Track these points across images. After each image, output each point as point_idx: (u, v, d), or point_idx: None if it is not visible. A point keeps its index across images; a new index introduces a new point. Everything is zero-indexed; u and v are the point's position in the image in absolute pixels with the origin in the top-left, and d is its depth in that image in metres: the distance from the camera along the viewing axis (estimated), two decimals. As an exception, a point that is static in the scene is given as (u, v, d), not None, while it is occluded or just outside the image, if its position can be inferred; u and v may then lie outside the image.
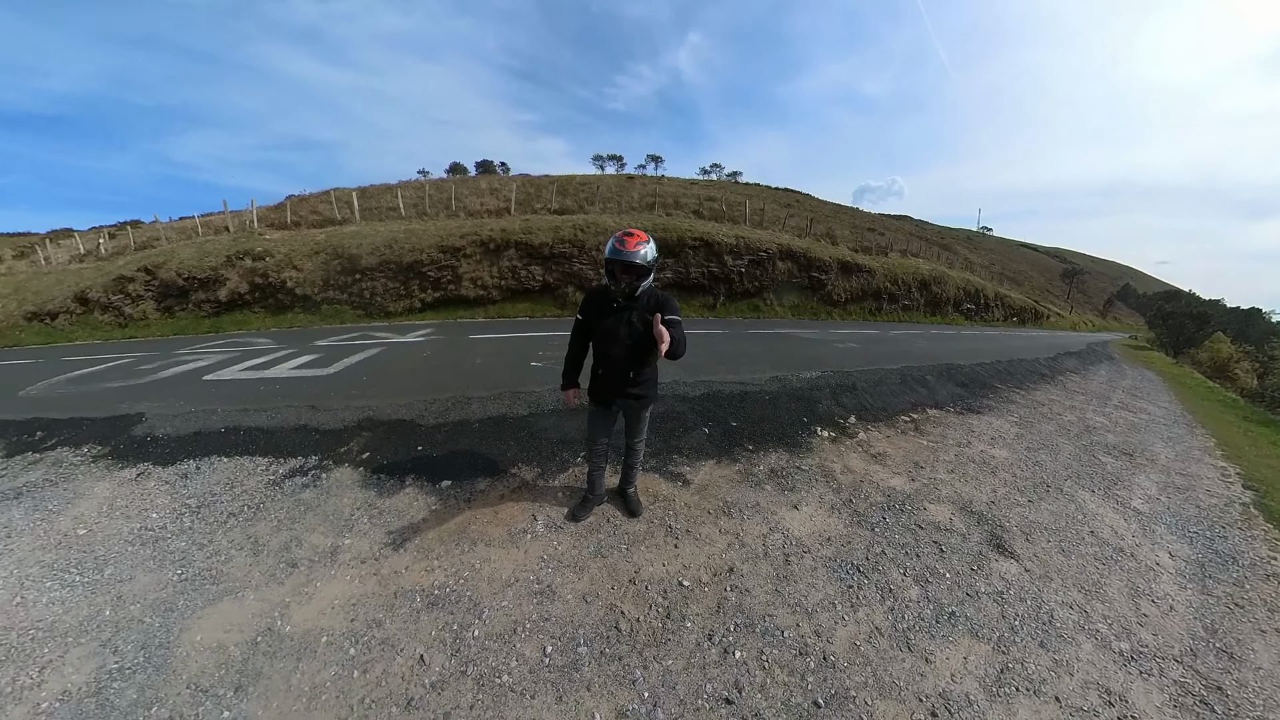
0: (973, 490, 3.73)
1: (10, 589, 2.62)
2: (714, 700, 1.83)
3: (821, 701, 1.84)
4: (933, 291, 24.46)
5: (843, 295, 19.99)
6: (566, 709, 1.80)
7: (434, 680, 1.94)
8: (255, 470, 3.65)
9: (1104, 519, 3.58)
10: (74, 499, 3.50)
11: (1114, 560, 3.04)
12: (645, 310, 2.38)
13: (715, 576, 2.46)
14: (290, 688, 1.96)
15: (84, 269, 18.88)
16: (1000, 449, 4.77)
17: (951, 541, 2.95)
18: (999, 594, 2.55)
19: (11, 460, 4.18)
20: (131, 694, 1.99)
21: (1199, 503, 4.19)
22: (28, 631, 2.33)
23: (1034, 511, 3.53)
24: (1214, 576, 3.01)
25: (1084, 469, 4.61)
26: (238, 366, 7.18)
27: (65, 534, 3.11)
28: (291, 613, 2.31)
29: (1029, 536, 3.16)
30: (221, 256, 15.61)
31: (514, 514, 2.97)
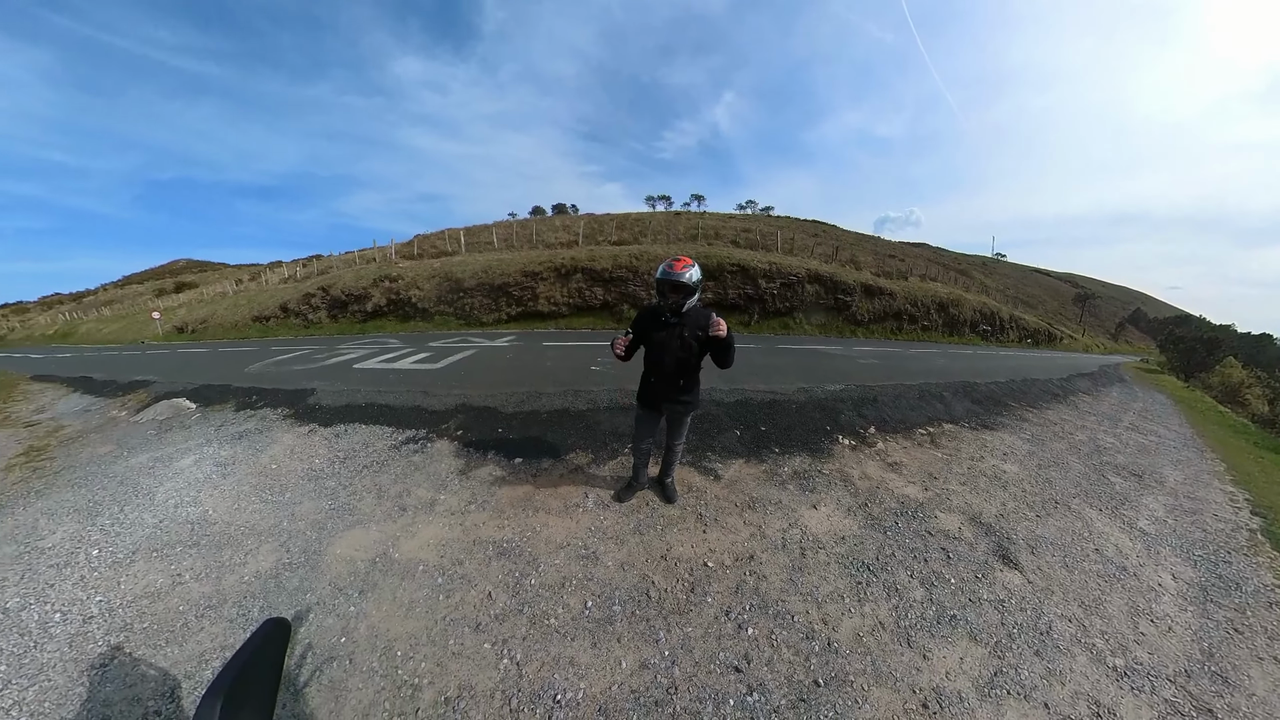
0: (983, 502, 3.37)
1: (230, 499, 3.18)
2: (724, 667, 1.80)
3: (821, 681, 1.76)
4: (950, 313, 22.40)
5: (866, 315, 18.76)
6: (599, 653, 1.85)
7: (497, 613, 2.05)
8: (383, 436, 4.04)
9: (1110, 538, 3.14)
10: (270, 444, 4.09)
11: (1117, 578, 2.66)
12: (694, 326, 2.34)
13: (737, 561, 2.39)
14: (395, 599, 2.17)
15: (285, 287, 21.94)
16: (1012, 464, 4.27)
17: (959, 549, 2.69)
18: (1000, 602, 2.30)
19: (238, 413, 5.06)
20: (295, 581, 2.34)
21: (1206, 527, 3.57)
22: (240, 529, 2.83)
23: (1041, 526, 3.14)
24: (1216, 601, 2.57)
25: (1093, 488, 4.06)
26: (375, 359, 7.93)
27: (264, 467, 3.66)
28: (400, 544, 2.54)
29: (1034, 550, 2.83)
30: (369, 279, 17.57)
31: (570, 491, 3.04)
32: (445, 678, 1.77)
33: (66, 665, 1.96)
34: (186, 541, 2.76)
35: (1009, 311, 29.48)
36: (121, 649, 2.03)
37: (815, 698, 1.70)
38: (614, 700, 1.67)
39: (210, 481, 3.48)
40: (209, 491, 3.34)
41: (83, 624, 2.20)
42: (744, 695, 1.69)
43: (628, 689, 1.71)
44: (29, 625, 2.21)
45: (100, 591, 2.41)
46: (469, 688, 1.72)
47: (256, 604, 2.21)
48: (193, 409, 5.46)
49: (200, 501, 3.20)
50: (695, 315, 2.36)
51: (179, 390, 6.28)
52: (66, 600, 2.37)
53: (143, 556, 2.66)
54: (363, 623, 2.04)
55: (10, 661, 1.98)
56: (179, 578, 2.44)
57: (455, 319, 15.73)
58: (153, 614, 2.21)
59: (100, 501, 3.42)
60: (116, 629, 2.14)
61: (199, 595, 2.30)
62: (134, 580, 2.46)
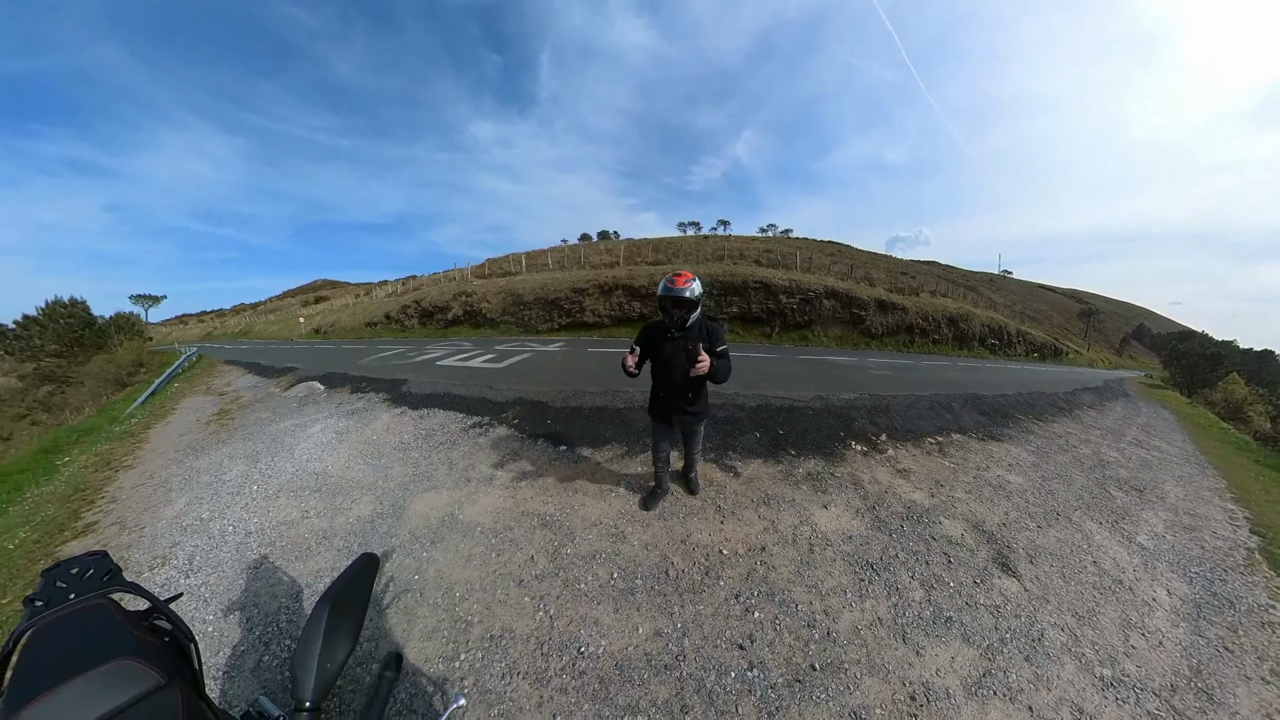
0: (986, 511, 3.04)
1: (344, 459, 3.54)
2: (730, 643, 1.74)
3: (817, 666, 1.66)
4: (960, 327, 20.35)
5: (879, 329, 17.52)
6: (620, 618, 1.86)
7: (537, 573, 2.11)
8: (455, 420, 4.27)
9: (1108, 551, 2.75)
10: (373, 420, 4.47)
11: (1112, 591, 2.32)
12: (697, 338, 2.12)
13: (749, 551, 2.29)
14: (457, 551, 2.30)
15: (388, 300, 24.12)
16: (1016, 475, 3.81)
17: (960, 555, 2.45)
18: (996, 607, 2.07)
19: (352, 395, 5.56)
20: (384, 528, 2.57)
21: (1204, 544, 3.04)
22: (349, 482, 3.15)
23: (1041, 537, 2.80)
24: (1208, 618, 2.19)
25: (1094, 501, 3.55)
26: (452, 358, 8.42)
27: (368, 438, 4.01)
28: (464, 508, 2.69)
29: (1033, 559, 2.52)
30: (450, 294, 18.98)
31: (605, 477, 3.05)
32: (491, 619, 1.86)
33: (234, 563, 2.36)
34: (312, 487, 3.11)
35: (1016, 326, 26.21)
36: (267, 558, 2.37)
37: (810, 680, 1.62)
38: (629, 659, 1.67)
39: (330, 445, 3.89)
40: (329, 452, 3.73)
41: (245, 537, 2.60)
42: (745, 670, 1.64)
43: (642, 651, 1.70)
44: (213, 532, 2.70)
45: (257, 516, 2.81)
46: (510, 630, 1.80)
47: (356, 540, 2.45)
48: (322, 390, 6.11)
49: (323, 459, 3.59)
50: (699, 329, 2.16)
51: (313, 376, 7.05)
52: (237, 519, 2.81)
53: (284, 494, 3.06)
54: (431, 567, 2.19)
55: (201, 554, 2.51)
56: (306, 513, 2.77)
57: (516, 327, 16.51)
58: (288, 537, 2.54)
59: (260, 452, 3.97)
60: (265, 544, 2.50)
61: (318, 528, 2.60)
62: (278, 511, 2.84)
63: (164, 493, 3.42)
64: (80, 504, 3.49)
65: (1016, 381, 9.89)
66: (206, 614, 2.01)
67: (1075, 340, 42.80)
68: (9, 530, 3.26)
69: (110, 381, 12.00)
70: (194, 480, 3.56)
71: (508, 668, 1.64)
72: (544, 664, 1.65)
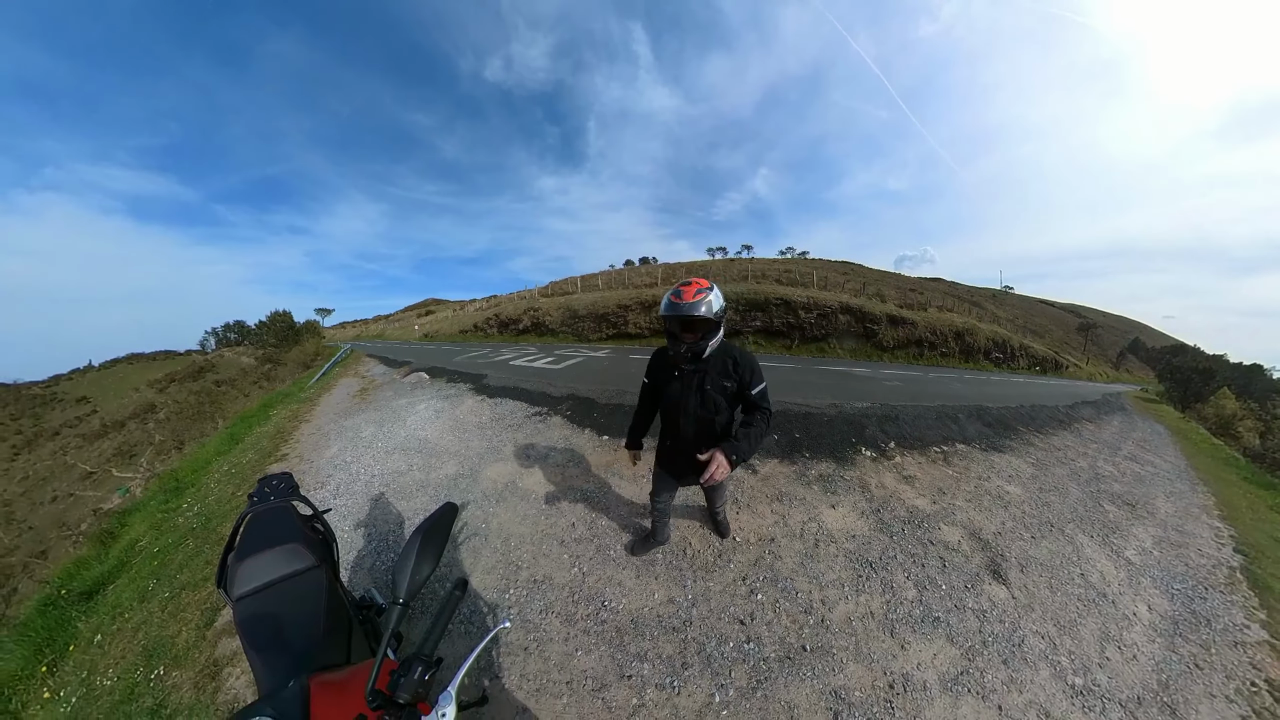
0: (984, 519, 2.66)
1: (439, 431, 3.88)
2: (732, 617, 1.68)
3: (808, 648, 1.56)
4: (965, 341, 17.75)
5: (891, 342, 15.84)
6: (640, 583, 1.86)
7: (577, 537, 2.17)
8: (520, 409, 4.50)
9: (1096, 564, 2.31)
10: (460, 404, 4.86)
11: (1095, 604, 1.96)
12: (719, 374, 1.29)
13: (760, 541, 2.18)
14: (515, 511, 2.44)
15: (475, 314, 26.17)
16: (1015, 486, 3.30)
17: (955, 560, 2.17)
18: (983, 612, 1.82)
19: (448, 384, 6.07)
20: (464, 485, 2.83)
21: (1188, 561, 2.47)
22: (441, 449, 3.47)
23: (1034, 547, 2.41)
24: (1184, 635, 1.80)
25: (1087, 514, 2.99)
26: (521, 360, 8.91)
27: (457, 417, 4.37)
28: (523, 478, 2.84)
29: (1024, 569, 2.18)
30: (522, 309, 20.19)
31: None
32: (536, 567, 1.96)
33: (363, 494, 2.74)
34: (416, 449, 3.47)
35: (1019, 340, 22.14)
36: (383, 496, 2.70)
37: (800, 659, 1.52)
38: (643, 618, 1.68)
39: (430, 420, 4.30)
40: (430, 424, 4.13)
41: (371, 478, 2.99)
42: (743, 642, 1.57)
43: (655, 614, 1.69)
44: (352, 471, 3.14)
45: (379, 464, 3.21)
46: (549, 579, 1.88)
47: (443, 491, 2.70)
48: (427, 379, 6.76)
49: (425, 429, 3.99)
50: (721, 358, 1.30)
51: (422, 368, 7.85)
52: (366, 465, 3.24)
53: (397, 452, 3.45)
54: (495, 520, 2.35)
55: (344, 485, 2.93)
56: (411, 467, 3.10)
57: (572, 336, 17.14)
58: (398, 483, 2.86)
59: (384, 420, 4.50)
60: (382, 485, 2.85)
61: (419, 479, 2.90)
62: (393, 463, 3.21)
63: (325, 440, 4.02)
64: (280, 441, 4.22)
65: (1019, 394, 8.51)
66: (344, 525, 2.36)
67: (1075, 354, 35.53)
68: (244, 451, 4.28)
69: (300, 364, 14.44)
70: (343, 434, 4.13)
71: (545, 606, 1.72)
72: (574, 609, 1.71)
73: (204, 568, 2.20)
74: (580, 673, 1.44)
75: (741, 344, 14.81)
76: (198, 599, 1.96)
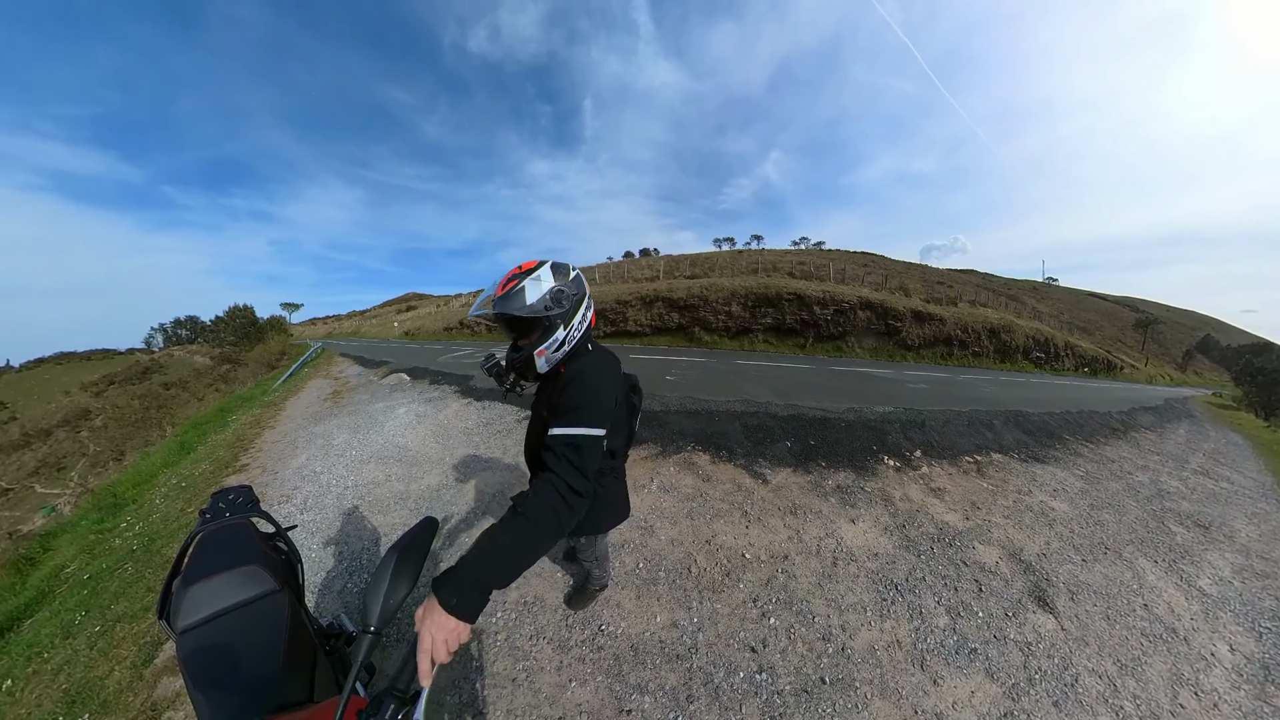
0: (1025, 538, 2.61)
1: (420, 438, 3.88)
2: (742, 644, 1.64)
3: (828, 680, 1.51)
4: (1002, 339, 17.63)
5: (916, 341, 15.76)
6: (641, 604, 1.83)
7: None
8: (511, 413, 4.50)
9: (1162, 593, 2.24)
10: (445, 407, 4.86)
11: (1163, 640, 1.88)
12: (550, 391, 0.99)
13: (772, 558, 2.15)
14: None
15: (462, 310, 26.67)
16: (1061, 502, 3.24)
17: (992, 584, 2.11)
18: (1028, 644, 1.76)
19: (430, 386, 6.11)
20: (448, 497, 2.76)
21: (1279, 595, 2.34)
22: (423, 457, 3.42)
23: (1085, 571, 2.35)
24: (1278, 684, 1.69)
25: (1149, 536, 2.92)
26: (512, 357, 9.04)
27: (440, 421, 4.38)
28: (514, 488, 2.83)
29: (1074, 596, 2.12)
30: None
31: (639, 474, 3.01)
32: (526, 587, 1.92)
33: (334, 508, 2.68)
34: (395, 458, 3.45)
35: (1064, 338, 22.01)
36: (357, 509, 2.67)
37: (819, 693, 1.47)
38: (644, 643, 1.64)
39: (411, 425, 4.29)
40: (410, 430, 4.12)
41: (344, 490, 2.95)
42: (754, 672, 1.53)
43: (657, 639, 1.66)
44: (322, 482, 3.09)
45: (353, 474, 3.18)
46: (541, 599, 1.85)
47: (424, 504, 2.67)
48: (408, 381, 6.77)
49: (404, 436, 3.97)
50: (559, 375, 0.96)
51: (402, 368, 7.86)
52: (339, 475, 3.20)
53: (374, 460, 3.43)
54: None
55: (313, 498, 2.87)
56: (389, 477, 3.08)
57: (567, 331, 17.19)
58: (374, 494, 2.84)
59: (360, 425, 4.49)
60: (357, 497, 2.81)
61: (397, 491, 2.87)
62: (368, 473, 3.19)
63: (292, 449, 3.98)
64: (239, 450, 4.14)
65: (1064, 398, 8.46)
66: (311, 543, 2.31)
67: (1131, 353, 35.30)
68: (196, 462, 4.17)
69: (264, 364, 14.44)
70: (313, 442, 4.10)
71: (536, 631, 1.69)
72: (567, 634, 1.68)
73: (144, 596, 2.06)
74: (574, 707, 1.41)
75: (751, 342, 14.83)
76: (135, 632, 1.83)
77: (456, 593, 0.64)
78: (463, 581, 0.64)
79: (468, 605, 0.63)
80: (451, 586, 0.64)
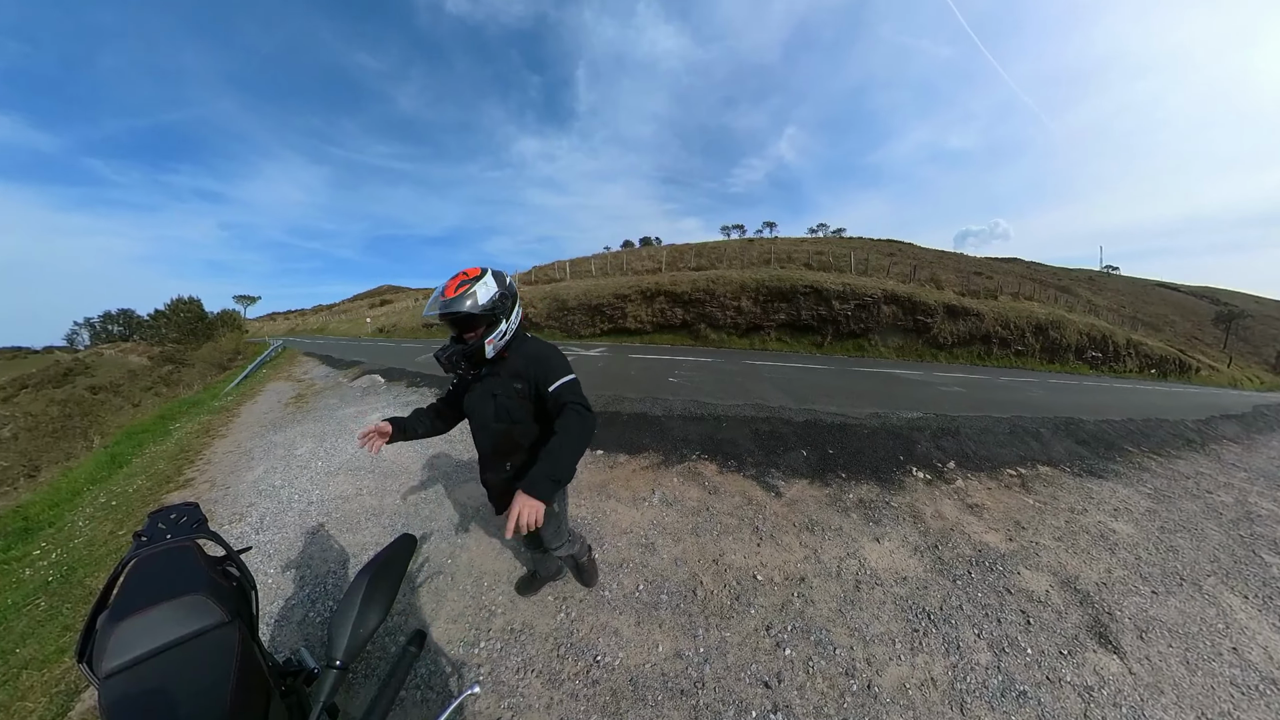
0: (1081, 565, 2.55)
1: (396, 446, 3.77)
2: (754, 679, 1.60)
3: (852, 722, 1.46)
4: (1050, 337, 17.38)
5: (949, 339, 15.71)
6: (640, 632, 1.81)
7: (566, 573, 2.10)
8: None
9: (1257, 636, 2.14)
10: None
11: (1259, 692, 1.79)
12: (512, 378, 1.31)
13: (787, 580, 2.12)
14: (490, 542, 2.40)
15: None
16: (1124, 523, 3.18)
17: (1043, 616, 2.06)
18: (1088, 689, 1.70)
19: (408, 389, 6.18)
20: (426, 511, 2.78)
21: None
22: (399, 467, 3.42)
23: (1157, 606, 2.27)
24: None
25: (1237, 566, 2.81)
26: (498, 356, 9.04)
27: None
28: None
29: (1144, 634, 2.05)
30: None
31: (639, 486, 3.02)
32: (514, 613, 1.90)
33: (296, 527, 2.66)
34: (368, 468, 3.44)
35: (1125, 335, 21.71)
36: (323, 526, 2.64)
37: (843, 735, 1.44)
38: (645, 676, 1.62)
39: (385, 434, 4.30)
40: (384, 441, 4.12)
41: (307, 505, 2.93)
42: (768, 711, 1.50)
43: (659, 671, 1.64)
44: (282, 498, 3.06)
45: (319, 488, 3.16)
46: (530, 626, 1.83)
47: (400, 520, 2.65)
48: (382, 383, 6.77)
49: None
50: (515, 359, 1.33)
51: (376, 369, 7.86)
52: (302, 489, 3.18)
53: (343, 472, 3.41)
54: (464, 553, 2.30)
55: (271, 516, 2.82)
56: (360, 491, 3.06)
57: (560, 332, 17.17)
58: (342, 510, 2.82)
59: (327, 433, 4.47)
60: (323, 513, 2.79)
61: (369, 505, 2.86)
62: (336, 486, 3.17)
63: (247, 460, 3.94)
64: (183, 462, 4.06)
65: (1126, 404, 8.38)
66: (268, 568, 2.27)
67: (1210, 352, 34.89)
68: (130, 477, 3.99)
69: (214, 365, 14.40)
70: (271, 452, 4.07)
71: (524, 663, 1.67)
72: (559, 665, 1.66)
73: (61, 636, 1.93)
74: (566, 753, 1.40)
75: (763, 340, 15.00)
76: (46, 680, 1.71)
77: (538, 487, 1.04)
78: (542, 480, 1.05)
79: (547, 493, 1.05)
80: (535, 484, 1.04)
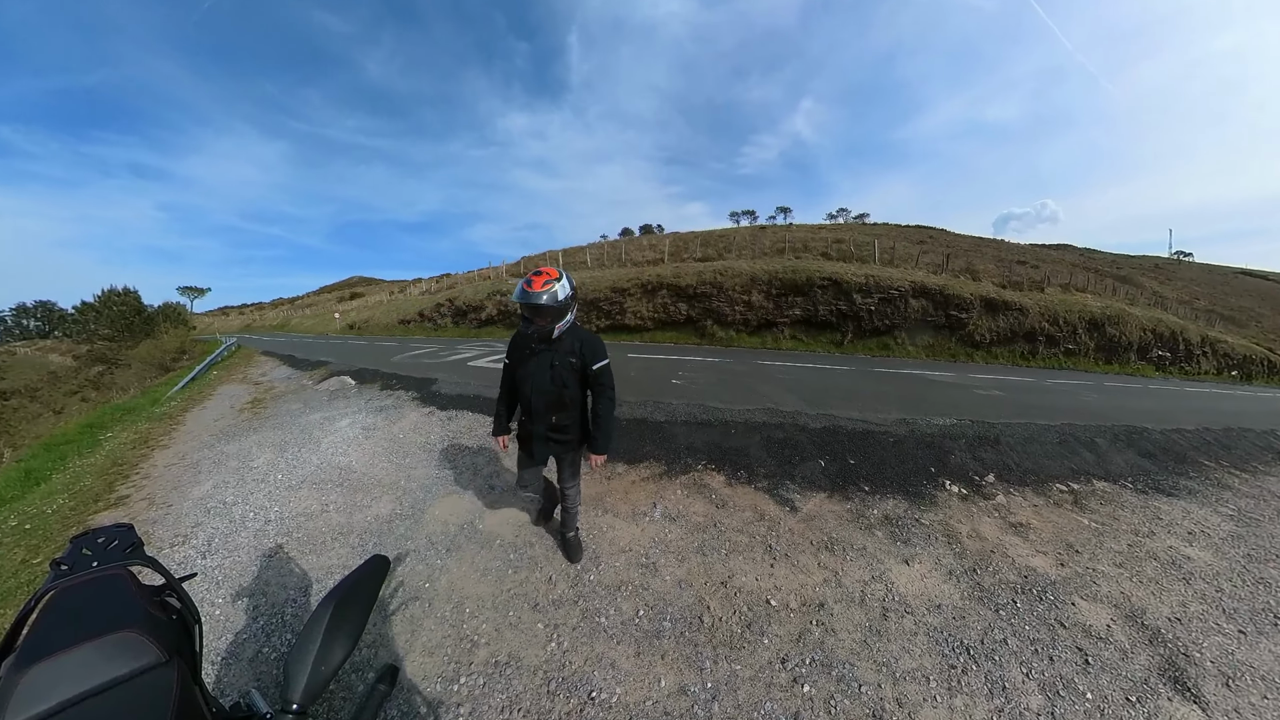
0: (1149, 597, 2.47)
1: (368, 456, 3.86)
2: (769, 718, 1.56)
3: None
4: (1107, 333, 17.12)
5: (986, 336, 15.59)
6: (641, 664, 1.78)
7: (555, 598, 2.11)
8: (485, 424, 4.50)
9: None
10: (400, 418, 4.86)
11: None
12: (568, 353, 1.99)
13: (804, 606, 2.09)
14: (473, 563, 2.38)
15: (422, 298, 26.53)
16: (1201, 549, 3.08)
17: (1104, 655, 1.99)
18: None
19: (381, 392, 6.13)
20: (401, 529, 2.74)
21: None
22: (371, 480, 3.41)
23: (1245, 648, 2.16)
24: None
25: None
26: (484, 359, 8.99)
27: (394, 436, 4.36)
28: (485, 517, 2.80)
29: (1231, 681, 1.95)
30: (485, 294, 20.41)
31: (639, 498, 3.02)
32: (499, 643, 1.87)
33: (250, 549, 2.61)
34: (335, 481, 3.40)
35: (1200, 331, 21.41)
36: (282, 548, 2.60)
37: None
38: (645, 714, 1.59)
39: (356, 441, 4.25)
40: (355, 448, 4.07)
41: (264, 524, 2.87)
42: None
43: (661, 709, 1.61)
44: (235, 516, 3.00)
45: (278, 505, 3.11)
46: (517, 658, 1.80)
47: (372, 540, 2.61)
48: (353, 385, 6.74)
49: (348, 454, 3.92)
50: (571, 340, 2.01)
51: (345, 370, 7.84)
52: (258, 506, 3.13)
53: (306, 486, 3.37)
54: (444, 576, 2.27)
55: (220, 537, 2.75)
56: (326, 507, 3.02)
57: (552, 326, 17.31)
58: (305, 529, 2.77)
59: (288, 442, 4.42)
60: (282, 533, 2.74)
61: (336, 523, 2.82)
62: (298, 502, 3.12)
63: (193, 474, 3.85)
64: (116, 477, 3.88)
65: (1200, 410, 8.25)
66: (216, 597, 2.19)
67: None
68: (49, 496, 3.72)
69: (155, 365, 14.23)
70: (222, 464, 4.00)
71: (509, 701, 1.63)
72: (549, 703, 1.62)
73: None
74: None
75: (775, 338, 15.20)
76: None
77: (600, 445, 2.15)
78: (604, 443, 2.14)
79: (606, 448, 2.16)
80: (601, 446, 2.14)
